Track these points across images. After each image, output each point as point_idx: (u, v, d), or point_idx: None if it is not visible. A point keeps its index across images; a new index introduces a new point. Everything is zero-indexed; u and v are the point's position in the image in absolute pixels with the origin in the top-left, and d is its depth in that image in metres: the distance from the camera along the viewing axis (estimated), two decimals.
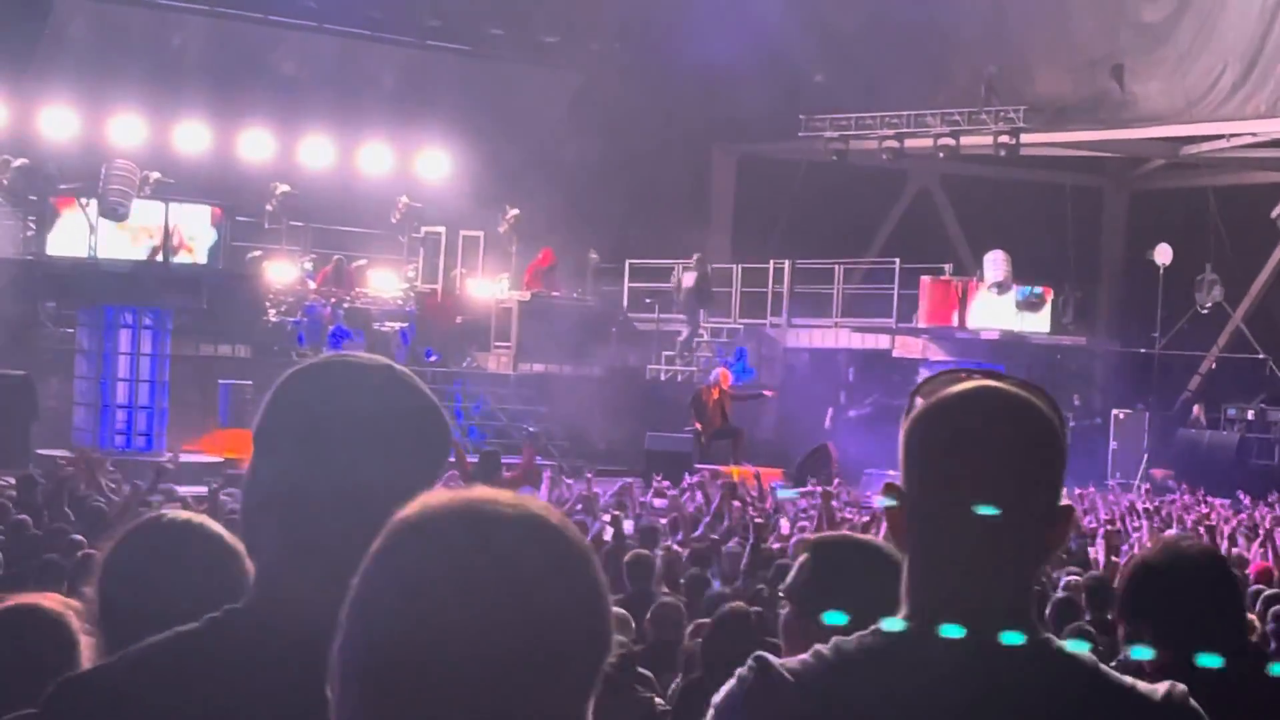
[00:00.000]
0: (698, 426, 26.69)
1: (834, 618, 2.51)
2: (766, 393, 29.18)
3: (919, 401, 2.33)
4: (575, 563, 1.59)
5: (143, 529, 3.15)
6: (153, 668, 2.18)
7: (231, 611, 2.26)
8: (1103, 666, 2.30)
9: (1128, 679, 2.30)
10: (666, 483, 20.07)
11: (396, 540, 1.60)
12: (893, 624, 2.27)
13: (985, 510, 2.22)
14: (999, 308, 29.58)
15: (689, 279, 30.38)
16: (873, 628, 2.28)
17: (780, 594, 3.60)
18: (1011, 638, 2.23)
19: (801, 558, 3.57)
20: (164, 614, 2.72)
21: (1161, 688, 2.27)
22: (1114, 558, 13.39)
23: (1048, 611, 9.89)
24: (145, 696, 2.15)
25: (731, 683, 2.27)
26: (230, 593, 2.88)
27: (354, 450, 2.21)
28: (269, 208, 27.76)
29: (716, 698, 2.29)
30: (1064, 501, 2.30)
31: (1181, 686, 2.27)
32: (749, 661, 2.26)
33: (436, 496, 1.63)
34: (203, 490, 18.20)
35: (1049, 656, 2.25)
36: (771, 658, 2.27)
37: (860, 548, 3.57)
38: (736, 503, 19.27)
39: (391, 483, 2.18)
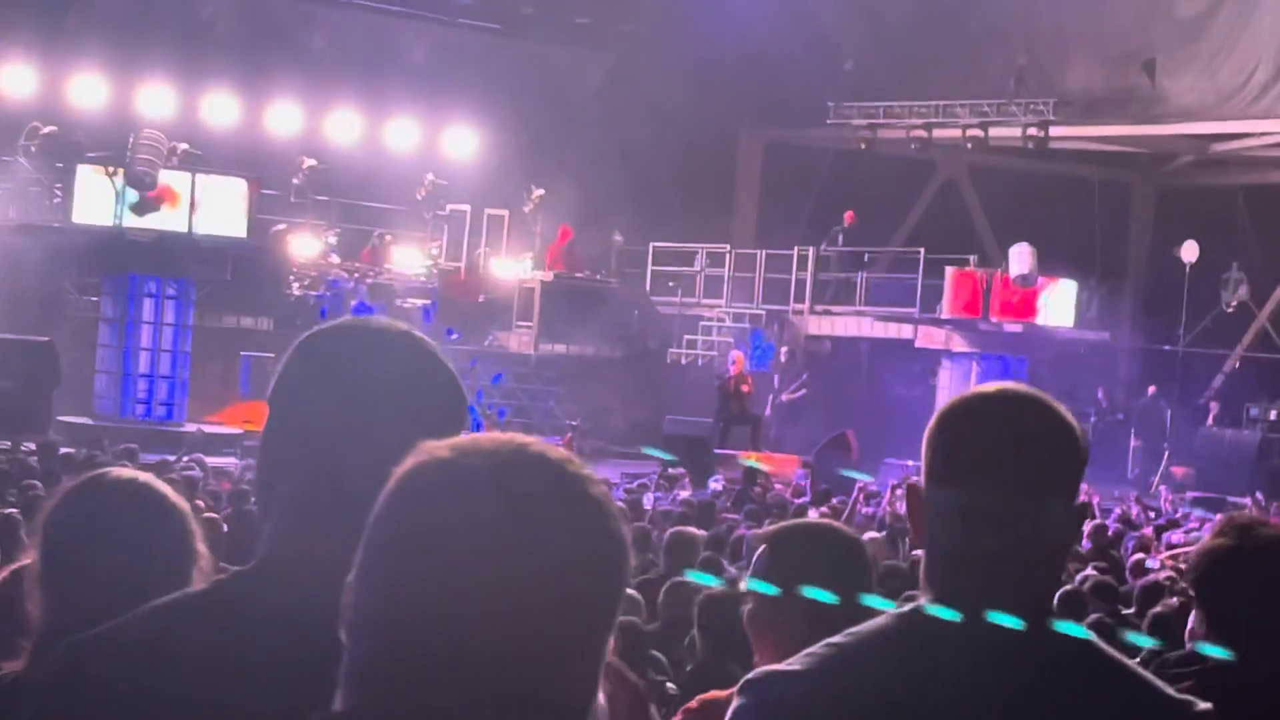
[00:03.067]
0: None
1: (815, 593, 2.49)
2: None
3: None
4: (594, 508, 1.58)
5: (85, 487, 3.06)
6: (164, 630, 2.16)
7: (237, 574, 2.25)
8: (1126, 661, 2.28)
9: (1160, 684, 2.28)
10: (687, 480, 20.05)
11: (415, 483, 1.58)
12: (909, 606, 2.27)
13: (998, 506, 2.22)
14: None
15: None
16: (896, 611, 2.27)
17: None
18: (1066, 626, 2.23)
19: (760, 548, 3.57)
20: (106, 572, 2.71)
21: (1194, 702, 2.25)
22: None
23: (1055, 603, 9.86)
24: (158, 660, 2.12)
25: (730, 711, 2.27)
26: (171, 553, 2.87)
27: (370, 412, 2.19)
28: (295, 181, 27.77)
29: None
30: (1081, 498, 2.31)
31: (1205, 707, 2.25)
32: (739, 688, 2.26)
33: (457, 440, 1.61)
34: (226, 461, 18.28)
35: (1069, 646, 2.23)
36: (766, 671, 2.26)
37: (816, 532, 3.59)
38: (758, 488, 19.28)
39: (399, 449, 2.16)
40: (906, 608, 2.28)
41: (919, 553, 2.48)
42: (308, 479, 2.21)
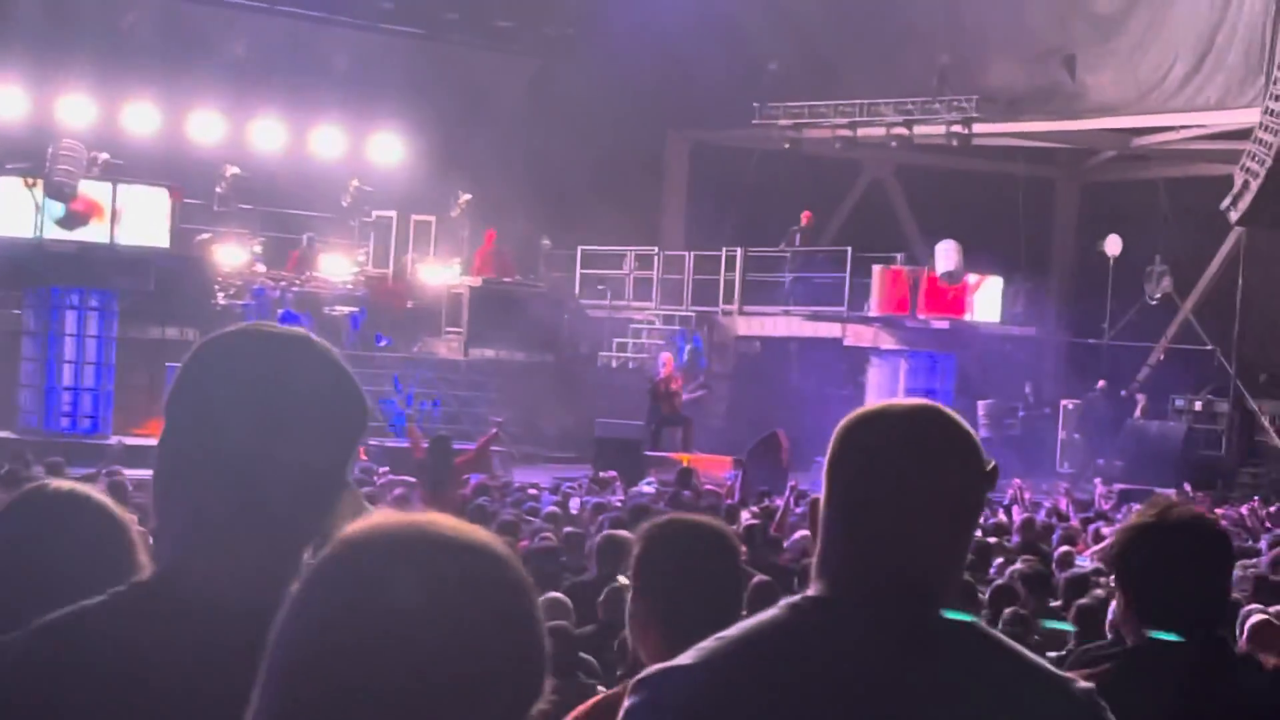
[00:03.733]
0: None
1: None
2: (700, 392, 29.18)
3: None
4: (514, 598, 1.58)
5: (26, 500, 3.00)
6: (61, 641, 2.13)
7: (137, 585, 2.21)
8: (1015, 645, 2.29)
9: (1045, 664, 2.30)
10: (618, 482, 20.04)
11: (337, 557, 1.59)
12: (800, 597, 2.27)
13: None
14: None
15: None
16: (786, 601, 2.27)
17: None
18: (950, 612, 2.24)
19: (637, 540, 3.58)
20: (50, 586, 2.66)
21: (1075, 680, 2.28)
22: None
23: (985, 596, 9.93)
24: (53, 671, 2.10)
25: (624, 710, 2.25)
26: (117, 564, 2.81)
27: (261, 421, 2.17)
28: (219, 190, 27.60)
29: None
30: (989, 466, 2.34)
31: (1086, 685, 2.27)
32: (631, 686, 2.25)
33: (387, 517, 1.60)
34: (148, 474, 18.08)
35: (963, 630, 2.24)
36: (658, 668, 2.25)
37: (691, 526, 3.59)
38: (688, 491, 19.26)
39: (299, 455, 2.14)
40: (795, 597, 2.28)
41: None
42: (212, 488, 2.18)
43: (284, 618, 1.59)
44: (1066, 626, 8.55)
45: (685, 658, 2.23)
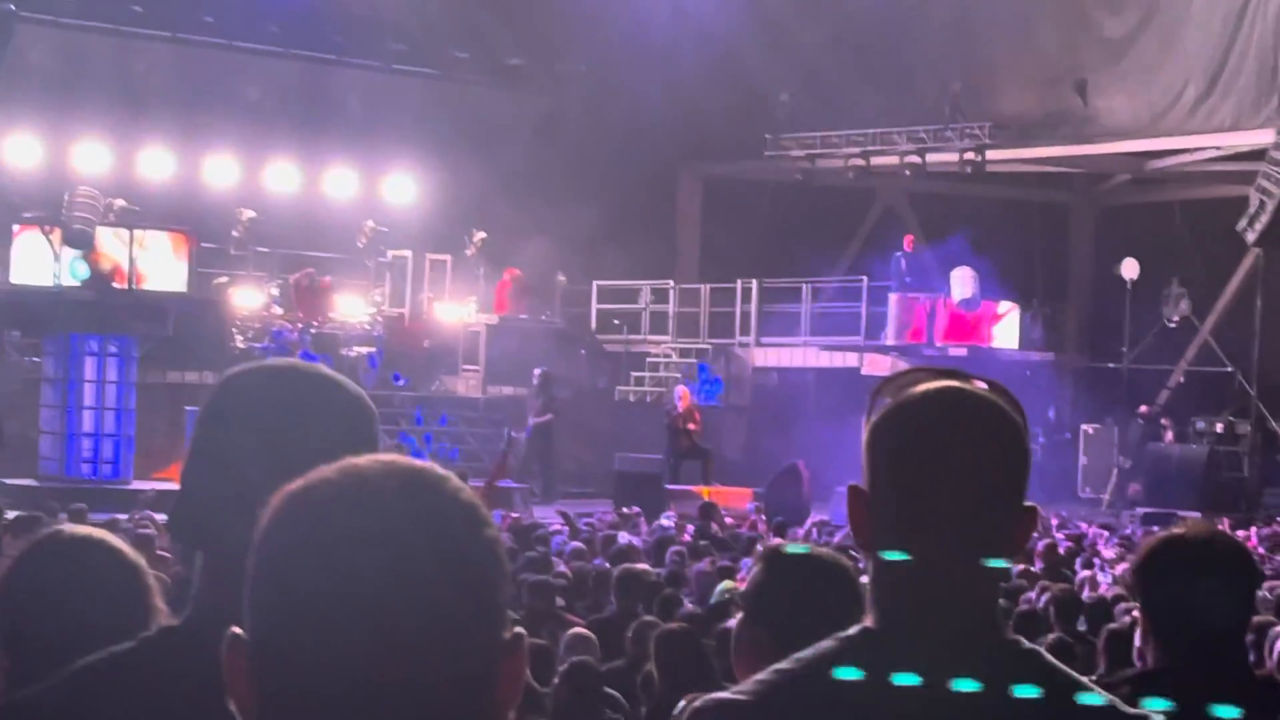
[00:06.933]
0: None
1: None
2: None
3: (881, 402, 2.29)
4: (463, 522, 1.54)
5: (42, 545, 3.02)
6: (93, 688, 2.13)
7: (167, 630, 2.20)
8: (1077, 677, 2.25)
9: (1106, 696, 2.25)
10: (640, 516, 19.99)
11: (279, 512, 1.55)
12: (855, 629, 2.24)
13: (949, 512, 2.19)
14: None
15: None
16: (835, 635, 2.24)
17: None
18: (1013, 641, 2.20)
19: (757, 566, 3.55)
20: (69, 631, 2.65)
21: (1137, 714, 2.23)
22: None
23: (1011, 623, 9.86)
24: (88, 716, 2.09)
25: None
26: (133, 607, 2.80)
27: (281, 459, 2.16)
28: (235, 234, 27.64)
29: None
30: (1028, 503, 2.27)
31: (1141, 713, 2.23)
32: (683, 715, 2.23)
33: (321, 469, 1.57)
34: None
35: (1018, 658, 2.21)
36: (713, 700, 2.22)
37: (814, 559, 3.54)
38: (714, 524, 19.25)
39: None
40: (854, 629, 2.24)
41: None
42: (234, 529, 2.16)
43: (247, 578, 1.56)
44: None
45: (742, 691, 2.21)
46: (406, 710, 1.48)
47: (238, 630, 1.52)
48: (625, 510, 20.78)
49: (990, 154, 31.81)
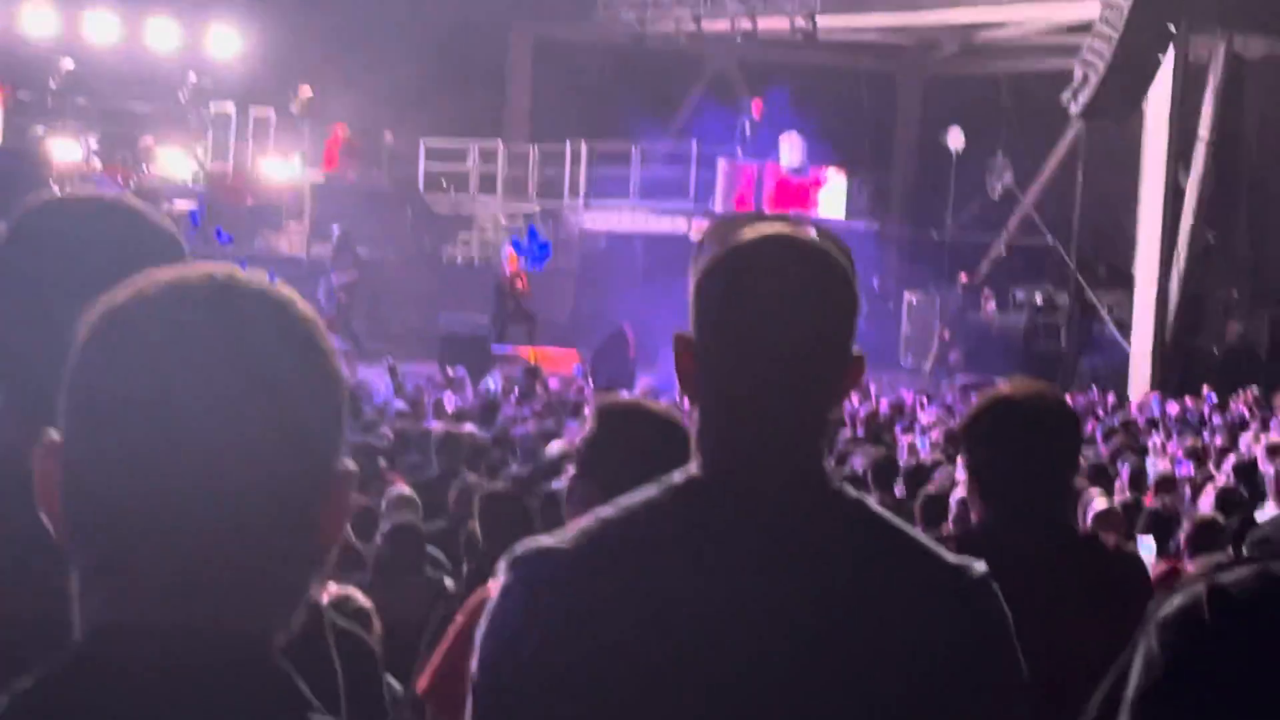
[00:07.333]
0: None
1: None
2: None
3: (709, 248, 2.25)
4: (305, 331, 1.48)
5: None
6: None
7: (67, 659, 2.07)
8: (903, 525, 2.24)
9: (929, 541, 2.25)
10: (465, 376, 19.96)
11: (96, 316, 1.46)
12: (679, 476, 2.20)
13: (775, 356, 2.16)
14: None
15: None
16: (659, 481, 2.20)
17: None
18: (812, 492, 2.17)
19: (590, 421, 3.52)
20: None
21: (961, 561, 2.21)
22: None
23: None
24: None
25: (496, 589, 2.19)
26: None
27: (82, 290, 2.02)
28: (53, 85, 26.93)
29: (490, 606, 2.20)
30: (856, 351, 2.23)
31: (981, 567, 2.21)
32: (502, 562, 2.18)
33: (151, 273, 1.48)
34: None
35: (844, 507, 2.19)
36: (534, 547, 2.19)
37: (646, 411, 3.51)
38: (540, 386, 19.26)
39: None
40: (679, 477, 2.21)
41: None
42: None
43: (64, 392, 1.46)
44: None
45: (564, 540, 2.18)
46: (209, 524, 1.42)
47: (55, 436, 1.45)
48: (451, 372, 20.72)
49: (821, 21, 31.80)
